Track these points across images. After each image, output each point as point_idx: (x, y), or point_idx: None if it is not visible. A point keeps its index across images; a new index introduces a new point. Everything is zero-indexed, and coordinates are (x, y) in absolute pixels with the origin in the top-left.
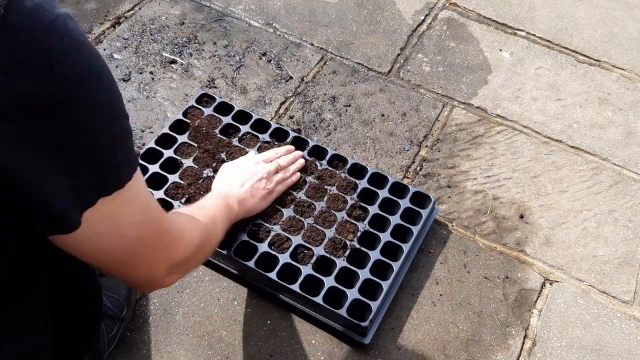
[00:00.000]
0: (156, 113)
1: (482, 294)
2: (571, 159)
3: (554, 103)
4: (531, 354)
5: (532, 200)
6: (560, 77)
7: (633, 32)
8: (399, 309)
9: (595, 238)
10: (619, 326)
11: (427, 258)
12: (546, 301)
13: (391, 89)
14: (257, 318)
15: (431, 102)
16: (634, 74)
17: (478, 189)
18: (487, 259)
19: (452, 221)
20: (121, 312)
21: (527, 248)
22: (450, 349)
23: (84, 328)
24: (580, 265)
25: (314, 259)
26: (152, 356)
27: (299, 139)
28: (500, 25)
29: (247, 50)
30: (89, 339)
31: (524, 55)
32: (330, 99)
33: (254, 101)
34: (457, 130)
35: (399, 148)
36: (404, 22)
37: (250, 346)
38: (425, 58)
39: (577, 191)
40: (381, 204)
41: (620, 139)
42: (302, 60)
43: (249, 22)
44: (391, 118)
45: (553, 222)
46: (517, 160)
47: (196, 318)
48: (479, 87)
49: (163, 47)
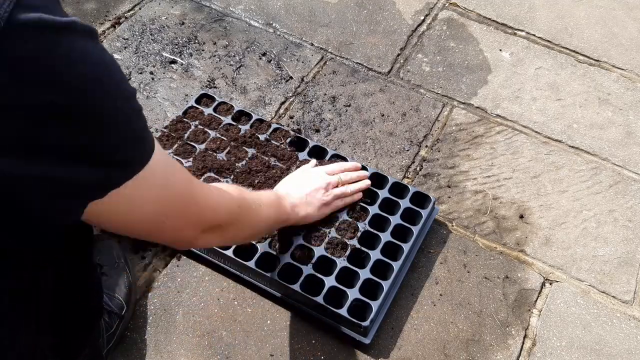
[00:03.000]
0: (156, 113)
1: (482, 294)
2: (571, 159)
3: (553, 103)
4: (531, 354)
5: (532, 200)
6: (560, 77)
7: (633, 32)
8: (399, 309)
9: (595, 238)
10: (619, 326)
11: (427, 258)
12: (546, 301)
13: (391, 89)
14: (257, 318)
15: (431, 102)
16: (634, 74)
17: (478, 189)
18: (487, 259)
19: (452, 221)
20: (121, 311)
21: (527, 248)
22: (450, 349)
23: (82, 322)
24: (580, 265)
25: (315, 259)
26: (152, 356)
27: (299, 139)
28: (500, 25)
29: (247, 50)
30: (87, 334)
31: (524, 55)
32: (330, 99)
33: (254, 101)
34: (457, 130)
35: (399, 148)
36: (404, 22)
37: (250, 346)
38: (425, 58)
39: (577, 191)
40: (381, 203)
41: (620, 139)
42: (302, 60)
43: (249, 22)
44: (391, 118)
45: (553, 222)
46: (517, 160)
47: (196, 318)
48: (479, 87)
49: (163, 47)
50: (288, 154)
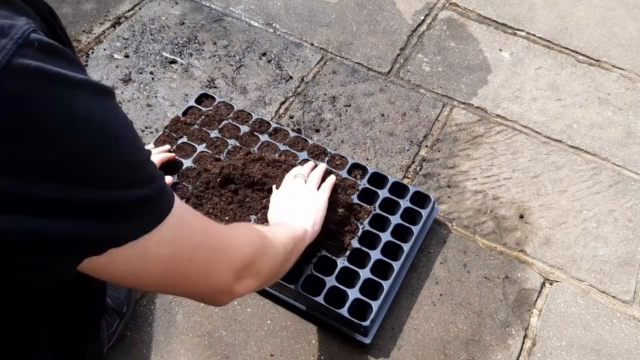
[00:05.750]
0: (156, 113)
1: (482, 294)
2: (571, 159)
3: (553, 103)
4: (531, 354)
5: (532, 200)
6: (560, 77)
7: (633, 32)
8: (399, 308)
9: (595, 238)
10: (619, 326)
11: (427, 258)
12: (546, 301)
13: (391, 89)
14: (257, 318)
15: (431, 102)
16: (634, 74)
17: (478, 189)
18: (487, 259)
19: (452, 221)
20: (121, 310)
21: (527, 248)
22: (450, 349)
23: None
24: (580, 265)
25: (315, 259)
26: (152, 356)
27: (299, 139)
28: (500, 25)
29: (247, 50)
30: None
31: (524, 55)
32: (330, 99)
33: (254, 101)
34: (457, 130)
35: (399, 148)
36: (404, 22)
37: (250, 346)
38: (425, 58)
39: (577, 191)
40: (381, 203)
41: (620, 139)
42: (302, 60)
43: (249, 22)
44: (391, 118)
45: (553, 222)
46: (517, 160)
47: (196, 318)
48: (479, 87)
49: (163, 47)
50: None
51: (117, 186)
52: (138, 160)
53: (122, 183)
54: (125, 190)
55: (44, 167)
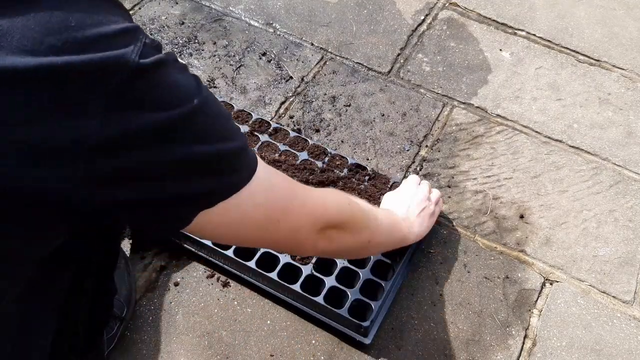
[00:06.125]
0: None
1: (482, 294)
2: (571, 159)
3: (554, 103)
4: (531, 354)
5: (532, 200)
6: (560, 77)
7: (633, 32)
8: (398, 309)
9: (596, 238)
10: (619, 326)
11: (427, 258)
12: (546, 301)
13: (391, 88)
14: (257, 318)
15: (431, 102)
16: (634, 74)
17: (478, 189)
18: (487, 259)
19: (452, 221)
20: (121, 312)
21: (527, 248)
22: (450, 349)
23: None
24: (580, 265)
25: (315, 259)
26: (152, 356)
27: (299, 139)
28: (500, 25)
29: (247, 50)
30: (94, 338)
31: (524, 55)
32: (330, 98)
33: (254, 101)
34: (457, 130)
35: (399, 148)
36: (404, 22)
37: (250, 346)
38: (425, 58)
39: (577, 191)
40: None
41: (621, 139)
42: (302, 60)
43: (249, 22)
44: (391, 118)
45: (553, 222)
46: (517, 160)
47: (196, 318)
48: (479, 87)
49: (163, 47)
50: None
51: (223, 139)
52: (228, 113)
53: (226, 135)
54: (229, 142)
55: (170, 131)
